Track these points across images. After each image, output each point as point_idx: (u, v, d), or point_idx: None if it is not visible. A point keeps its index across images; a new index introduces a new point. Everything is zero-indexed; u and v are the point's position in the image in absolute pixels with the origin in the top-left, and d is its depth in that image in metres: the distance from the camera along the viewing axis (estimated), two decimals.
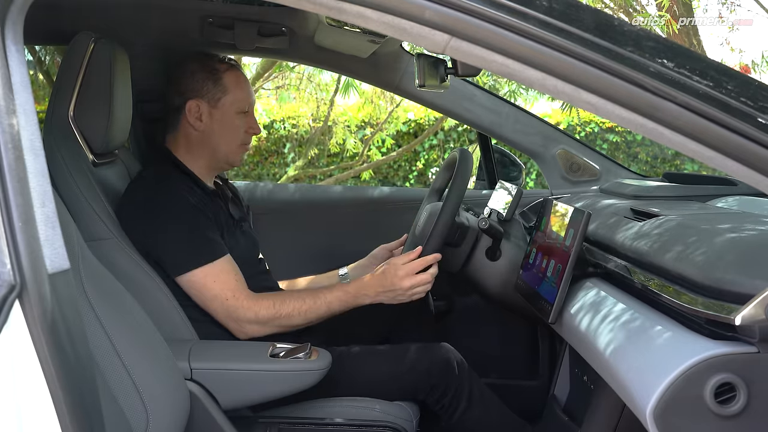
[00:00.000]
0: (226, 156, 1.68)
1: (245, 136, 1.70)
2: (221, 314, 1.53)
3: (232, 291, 1.51)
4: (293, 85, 5.70)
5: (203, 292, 1.52)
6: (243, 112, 1.68)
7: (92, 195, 1.46)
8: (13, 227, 0.75)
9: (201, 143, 1.66)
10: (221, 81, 1.65)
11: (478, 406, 1.59)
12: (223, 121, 1.66)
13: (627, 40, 0.82)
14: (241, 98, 1.67)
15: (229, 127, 1.66)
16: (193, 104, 1.64)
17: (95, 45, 1.49)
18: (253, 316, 1.52)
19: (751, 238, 1.15)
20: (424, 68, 1.43)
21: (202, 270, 1.50)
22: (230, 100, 1.65)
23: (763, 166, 0.81)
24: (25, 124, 0.78)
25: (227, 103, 1.65)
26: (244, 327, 1.53)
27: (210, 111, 1.65)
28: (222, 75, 1.66)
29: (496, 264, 1.67)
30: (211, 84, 1.65)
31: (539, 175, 5.93)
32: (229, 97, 1.65)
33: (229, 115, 1.66)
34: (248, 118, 1.69)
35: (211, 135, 1.66)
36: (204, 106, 1.64)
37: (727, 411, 0.89)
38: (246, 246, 1.68)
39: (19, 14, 0.81)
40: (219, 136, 1.66)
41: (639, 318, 1.10)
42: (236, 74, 1.68)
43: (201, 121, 1.65)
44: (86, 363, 0.85)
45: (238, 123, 1.67)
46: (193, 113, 1.65)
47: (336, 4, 0.82)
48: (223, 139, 1.67)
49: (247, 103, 1.69)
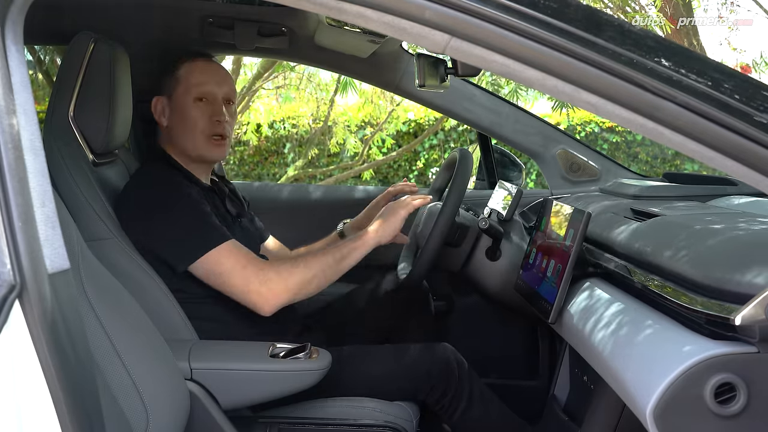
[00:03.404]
0: (194, 149, 1.64)
1: (210, 125, 1.62)
2: (241, 286, 1.47)
3: (246, 259, 1.48)
4: (293, 85, 5.71)
5: (218, 269, 1.47)
6: (198, 99, 1.63)
7: (92, 195, 1.46)
8: (13, 227, 0.75)
9: (172, 139, 1.66)
10: (175, 73, 1.64)
11: (478, 406, 1.59)
12: (180, 113, 1.63)
13: (627, 40, 0.82)
14: (193, 85, 1.63)
15: (186, 118, 1.62)
16: (156, 101, 1.65)
17: (95, 45, 1.49)
18: (275, 275, 1.46)
19: (751, 238, 1.15)
20: (424, 68, 1.43)
21: (210, 254, 1.47)
22: (183, 90, 1.63)
23: (762, 166, 0.81)
24: (25, 124, 0.78)
25: (180, 93, 1.63)
26: (268, 294, 1.46)
27: (169, 105, 1.65)
28: (179, 66, 1.65)
29: (496, 264, 1.67)
30: (167, 78, 1.65)
31: (539, 175, 5.93)
32: (181, 86, 1.63)
33: (184, 105, 1.63)
34: (208, 105, 1.63)
35: (175, 129, 1.65)
36: (164, 100, 1.65)
37: (727, 411, 0.89)
38: (245, 242, 1.67)
39: (19, 14, 0.81)
40: (180, 129, 1.64)
41: (639, 318, 1.10)
42: (194, 64, 1.65)
43: (164, 116, 1.65)
44: (86, 363, 0.85)
45: (195, 112, 1.62)
46: (158, 110, 1.65)
47: (336, 4, 0.82)
48: (185, 132, 1.63)
49: (203, 90, 1.63)
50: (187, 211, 1.51)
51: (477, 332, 2.13)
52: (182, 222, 1.51)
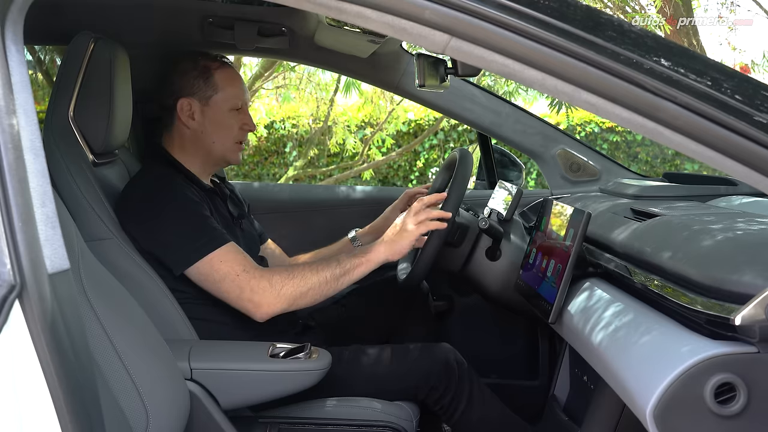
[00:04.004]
0: (222, 154, 1.68)
1: (239, 133, 1.69)
2: (234, 293, 1.48)
3: (242, 266, 1.49)
4: (293, 85, 5.71)
5: (213, 275, 1.48)
6: (236, 109, 1.68)
7: (92, 195, 1.46)
8: (13, 227, 0.75)
9: (195, 142, 1.66)
10: (212, 79, 1.65)
11: (478, 406, 1.59)
12: (215, 119, 1.66)
13: (627, 39, 0.82)
14: (232, 95, 1.66)
15: (221, 125, 1.66)
16: (185, 102, 1.65)
17: (95, 45, 1.49)
18: (267, 285, 1.47)
19: (751, 238, 1.15)
20: (424, 68, 1.43)
21: (207, 257, 1.48)
22: (222, 98, 1.65)
23: (762, 166, 0.81)
24: (25, 124, 0.78)
25: (219, 101, 1.65)
26: (260, 303, 1.48)
27: (202, 109, 1.65)
28: (213, 73, 1.66)
29: (496, 264, 1.67)
30: (201, 82, 1.65)
31: (539, 175, 5.94)
32: (220, 94, 1.65)
33: (221, 113, 1.66)
34: (241, 115, 1.69)
35: (205, 133, 1.66)
36: (195, 104, 1.65)
37: (727, 411, 0.89)
38: (246, 244, 1.67)
39: (19, 14, 0.81)
40: (212, 134, 1.66)
41: (639, 318, 1.10)
42: (228, 72, 1.68)
43: (193, 119, 1.65)
44: (86, 363, 0.85)
45: (231, 120, 1.67)
46: (185, 112, 1.65)
47: (336, 4, 0.82)
48: (217, 137, 1.67)
49: (240, 100, 1.68)
50: (184, 215, 1.52)
51: (477, 332, 2.13)
52: (179, 226, 1.51)
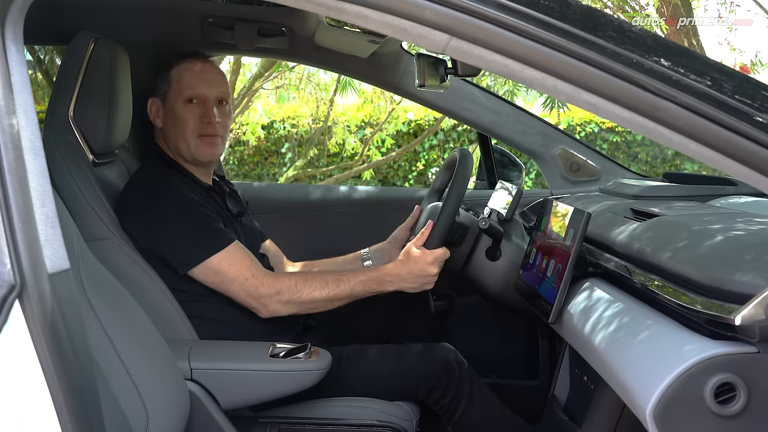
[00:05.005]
0: (187, 150, 1.65)
1: (200, 125, 1.63)
2: (242, 295, 1.51)
3: (249, 270, 1.51)
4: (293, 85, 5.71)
5: (221, 277, 1.50)
6: (188, 101, 1.63)
7: (92, 195, 1.46)
8: (13, 227, 0.75)
9: (167, 140, 1.67)
10: (167, 74, 1.65)
11: (478, 406, 1.59)
12: (172, 114, 1.64)
13: (627, 39, 0.82)
14: (184, 87, 1.64)
15: (177, 119, 1.64)
16: (151, 102, 1.66)
17: (95, 45, 1.49)
18: (275, 292, 1.50)
19: (751, 238, 1.15)
20: (424, 68, 1.43)
21: (214, 258, 1.49)
22: (174, 91, 1.64)
23: (762, 166, 0.80)
24: (25, 124, 0.78)
25: (172, 95, 1.64)
26: (267, 304, 1.51)
27: (163, 106, 1.66)
28: (170, 68, 1.65)
29: (496, 264, 1.67)
30: (160, 80, 1.66)
31: (539, 175, 5.93)
32: (173, 88, 1.64)
33: (176, 107, 1.64)
34: (198, 107, 1.64)
35: (168, 130, 1.66)
36: (158, 102, 1.66)
37: (727, 411, 0.89)
38: (247, 240, 1.67)
39: (19, 14, 0.81)
40: (172, 131, 1.65)
41: (639, 318, 1.10)
42: (186, 65, 1.66)
43: (159, 117, 1.66)
44: (86, 363, 0.85)
45: (186, 114, 1.63)
46: (152, 111, 1.67)
47: (336, 4, 0.82)
48: (177, 133, 1.64)
49: (192, 91, 1.64)
50: (187, 215, 1.52)
51: (477, 332, 2.13)
52: (183, 226, 1.51)
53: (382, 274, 1.56)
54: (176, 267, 1.51)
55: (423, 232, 1.58)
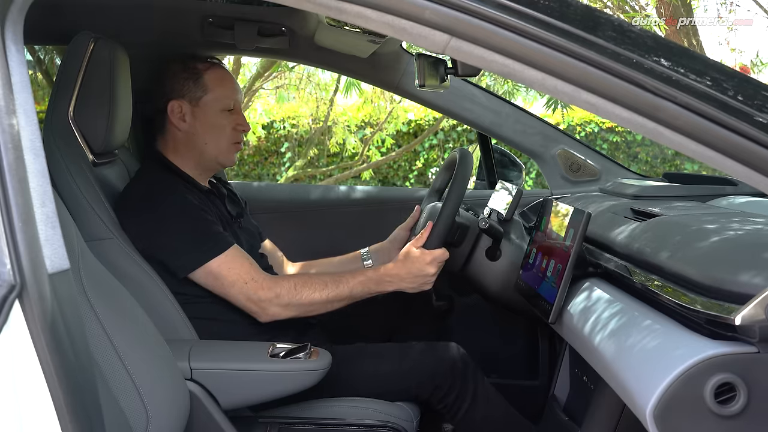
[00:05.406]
0: (215, 156, 1.66)
1: (233, 133, 1.67)
2: (242, 299, 1.52)
3: (249, 274, 1.51)
4: (293, 85, 5.71)
5: (220, 281, 1.51)
6: (227, 110, 1.66)
7: (92, 195, 1.46)
8: (13, 227, 0.75)
9: (187, 144, 1.66)
10: (201, 79, 1.64)
11: (482, 405, 1.59)
12: (206, 120, 1.64)
13: (627, 39, 0.82)
14: (223, 96, 1.65)
15: (213, 126, 1.65)
16: (175, 104, 1.64)
17: (95, 45, 1.49)
18: (274, 296, 1.51)
19: (751, 238, 1.15)
20: (424, 68, 1.43)
21: (213, 262, 1.50)
22: (212, 98, 1.64)
23: (762, 166, 0.80)
24: (25, 124, 0.78)
25: (209, 102, 1.64)
26: (266, 308, 1.52)
27: (192, 110, 1.64)
28: (202, 74, 1.65)
29: (496, 264, 1.67)
30: (191, 83, 1.64)
31: (539, 175, 5.93)
32: (210, 95, 1.64)
33: (212, 114, 1.64)
34: (234, 115, 1.67)
35: (196, 135, 1.65)
36: (186, 105, 1.64)
37: (727, 411, 0.89)
38: (246, 241, 1.68)
39: (19, 14, 0.81)
40: (204, 136, 1.65)
41: (639, 318, 1.10)
42: (218, 72, 1.67)
43: (184, 121, 1.64)
44: (86, 363, 0.85)
45: (223, 121, 1.65)
46: (176, 114, 1.64)
47: (336, 4, 0.82)
48: (209, 138, 1.65)
49: (232, 100, 1.66)
50: (186, 219, 1.52)
51: (477, 332, 2.13)
52: (182, 230, 1.51)
53: (380, 274, 1.56)
54: (176, 271, 1.51)
55: (422, 233, 1.58)
